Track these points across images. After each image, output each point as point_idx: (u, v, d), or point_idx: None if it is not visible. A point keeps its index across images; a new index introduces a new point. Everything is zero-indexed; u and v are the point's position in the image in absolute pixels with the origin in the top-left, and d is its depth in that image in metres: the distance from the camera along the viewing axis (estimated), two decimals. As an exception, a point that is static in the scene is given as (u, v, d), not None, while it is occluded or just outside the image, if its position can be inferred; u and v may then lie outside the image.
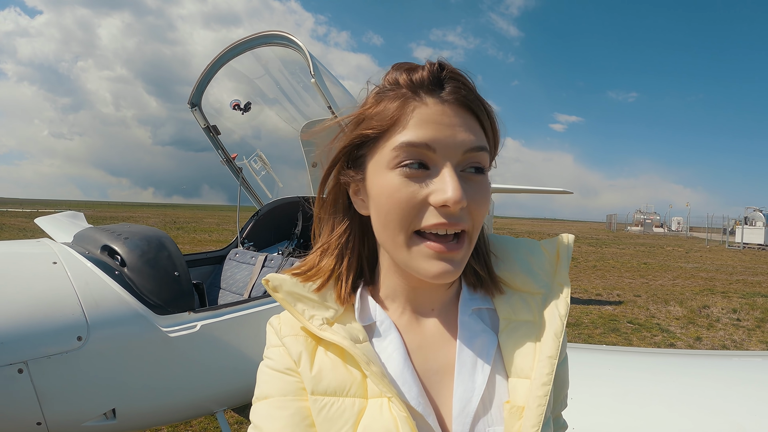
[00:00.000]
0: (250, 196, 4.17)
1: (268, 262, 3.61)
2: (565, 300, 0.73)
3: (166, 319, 2.15)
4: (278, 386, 0.70)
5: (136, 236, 2.35)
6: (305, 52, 2.97)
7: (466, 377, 0.69)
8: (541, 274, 0.77)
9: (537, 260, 0.79)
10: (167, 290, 2.23)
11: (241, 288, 3.48)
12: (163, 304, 2.18)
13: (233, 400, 2.46)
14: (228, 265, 3.69)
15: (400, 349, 0.71)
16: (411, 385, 0.68)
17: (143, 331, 2.05)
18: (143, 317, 2.06)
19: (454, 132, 0.64)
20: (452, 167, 0.63)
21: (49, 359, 1.79)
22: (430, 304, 0.75)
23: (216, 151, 3.75)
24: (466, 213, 0.64)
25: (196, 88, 3.35)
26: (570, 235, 0.82)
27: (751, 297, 9.96)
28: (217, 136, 3.67)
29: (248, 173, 4.08)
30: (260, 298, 2.63)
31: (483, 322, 0.74)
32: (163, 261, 2.31)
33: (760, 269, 15.94)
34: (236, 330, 2.40)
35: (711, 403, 1.91)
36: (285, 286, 0.73)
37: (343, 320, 0.73)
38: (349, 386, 0.67)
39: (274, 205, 4.10)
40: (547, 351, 0.68)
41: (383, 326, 0.73)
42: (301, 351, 0.70)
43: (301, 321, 0.71)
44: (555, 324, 0.71)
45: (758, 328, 7.24)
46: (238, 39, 3.14)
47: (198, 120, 3.54)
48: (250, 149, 4.06)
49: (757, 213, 31.65)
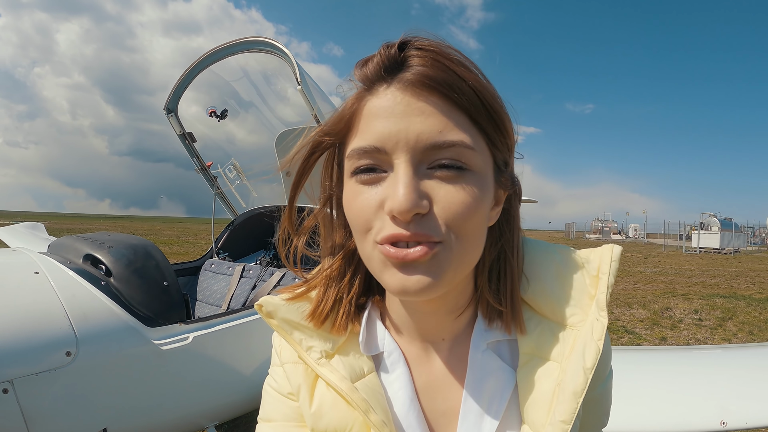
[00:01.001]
0: (224, 206, 4.05)
1: (247, 273, 3.50)
2: (597, 345, 0.57)
3: (157, 331, 2.03)
4: (281, 411, 0.67)
5: (121, 245, 2.23)
6: (291, 58, 2.93)
7: (471, 425, 0.61)
8: (574, 299, 0.62)
9: (571, 278, 0.64)
10: (157, 301, 2.12)
11: (218, 299, 3.36)
12: (153, 316, 2.06)
13: (225, 415, 2.35)
14: (204, 276, 3.56)
15: (406, 388, 0.64)
16: (415, 429, 0.62)
17: (135, 344, 1.93)
18: (134, 330, 1.94)
19: (409, 123, 0.50)
20: (410, 165, 0.51)
21: (37, 377, 1.65)
22: (438, 333, 0.65)
23: (191, 159, 3.62)
24: (434, 222, 0.51)
25: (173, 93, 3.23)
26: (617, 246, 0.64)
27: (711, 298, 10.37)
28: (192, 143, 3.54)
29: (222, 182, 3.97)
30: (251, 309, 2.53)
31: (500, 358, 0.64)
32: (151, 270, 2.20)
33: (717, 272, 16.59)
34: (228, 342, 2.30)
35: (699, 390, 2.07)
36: (280, 312, 0.65)
37: (347, 350, 0.65)
38: (351, 426, 0.61)
39: (249, 214, 4.00)
40: (560, 413, 0.55)
41: (391, 358, 0.66)
42: (300, 384, 0.64)
43: (298, 352, 0.64)
44: (577, 379, 0.56)
45: (720, 327, 7.55)
46: (219, 44, 3.05)
47: (173, 126, 3.42)
48: (225, 157, 3.96)
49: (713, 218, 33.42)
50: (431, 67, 0.50)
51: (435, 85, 0.50)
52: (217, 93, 3.67)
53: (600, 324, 0.58)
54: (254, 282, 3.41)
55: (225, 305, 3.27)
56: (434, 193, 0.51)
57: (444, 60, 0.51)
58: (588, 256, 0.65)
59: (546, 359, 0.60)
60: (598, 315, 0.59)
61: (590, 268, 0.64)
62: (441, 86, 0.50)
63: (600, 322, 0.58)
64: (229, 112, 3.68)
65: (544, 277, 0.64)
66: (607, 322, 0.59)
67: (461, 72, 0.51)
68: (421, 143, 0.50)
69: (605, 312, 0.59)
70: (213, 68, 3.26)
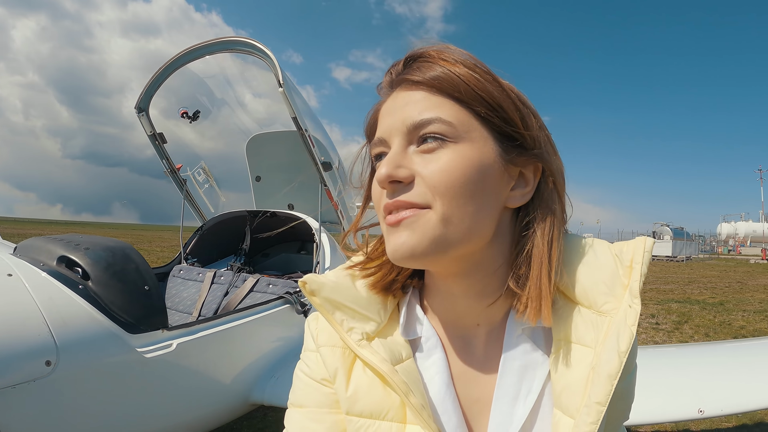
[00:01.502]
0: (193, 210, 3.91)
1: (218, 279, 3.37)
2: (630, 330, 0.58)
3: (139, 338, 1.90)
4: (314, 397, 0.67)
5: (98, 246, 2.08)
6: (273, 60, 2.86)
7: (505, 408, 0.62)
8: (607, 287, 0.63)
9: (605, 268, 0.64)
10: (138, 306, 1.99)
11: (189, 306, 3.21)
12: (134, 322, 1.93)
13: (211, 424, 2.23)
14: (172, 283, 3.39)
15: (442, 373, 0.65)
16: (450, 415, 0.63)
17: (117, 352, 1.80)
18: (116, 337, 1.81)
19: (400, 114, 0.60)
20: (400, 145, 0.59)
21: (14, 389, 1.50)
22: (472, 318, 0.66)
23: (161, 161, 3.47)
24: (419, 189, 0.57)
25: (145, 91, 3.09)
26: (649, 239, 0.65)
27: (666, 303, 10.82)
28: (163, 144, 3.39)
29: (192, 186, 3.83)
30: (235, 314, 2.42)
31: (535, 344, 0.64)
32: (131, 274, 2.06)
33: (670, 278, 17.35)
34: (212, 348, 2.20)
35: (677, 382, 2.21)
36: (324, 290, 0.65)
37: (386, 333, 0.66)
38: (387, 410, 0.62)
39: (219, 219, 3.87)
40: (596, 395, 0.57)
41: (429, 343, 0.67)
42: (337, 367, 0.65)
43: (338, 332, 0.65)
44: (611, 362, 0.57)
45: (676, 330, 7.88)
46: (197, 43, 2.95)
47: (144, 126, 3.26)
48: (194, 160, 3.82)
49: (665, 227, 35.03)
50: (421, 69, 0.60)
51: (422, 80, 0.59)
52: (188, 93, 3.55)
53: (633, 311, 0.59)
54: (226, 288, 3.29)
55: (196, 312, 3.13)
56: (418, 166, 0.58)
57: (432, 60, 0.60)
58: (621, 247, 0.66)
59: (580, 345, 0.61)
60: (631, 302, 0.60)
61: (624, 259, 0.64)
62: (427, 80, 0.59)
63: (633, 309, 0.59)
64: (201, 114, 3.57)
65: (578, 266, 0.65)
66: (640, 309, 0.60)
67: (447, 65, 0.59)
68: (406, 125, 0.59)
69: (638, 300, 0.60)
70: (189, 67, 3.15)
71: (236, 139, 4.31)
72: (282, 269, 4.27)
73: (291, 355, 2.75)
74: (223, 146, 4.40)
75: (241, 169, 4.44)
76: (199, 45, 3.01)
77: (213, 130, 4.01)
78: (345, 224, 4.02)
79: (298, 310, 2.85)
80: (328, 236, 3.84)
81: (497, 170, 0.60)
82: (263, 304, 2.67)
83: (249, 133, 4.23)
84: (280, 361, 2.64)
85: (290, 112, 2.96)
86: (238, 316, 2.42)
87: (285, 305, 2.82)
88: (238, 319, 2.41)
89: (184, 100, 3.50)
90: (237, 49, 2.97)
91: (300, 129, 3.05)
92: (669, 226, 35.30)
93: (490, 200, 0.60)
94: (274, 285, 3.14)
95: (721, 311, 9.87)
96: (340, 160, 4.12)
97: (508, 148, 0.61)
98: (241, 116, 4.12)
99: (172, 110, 3.41)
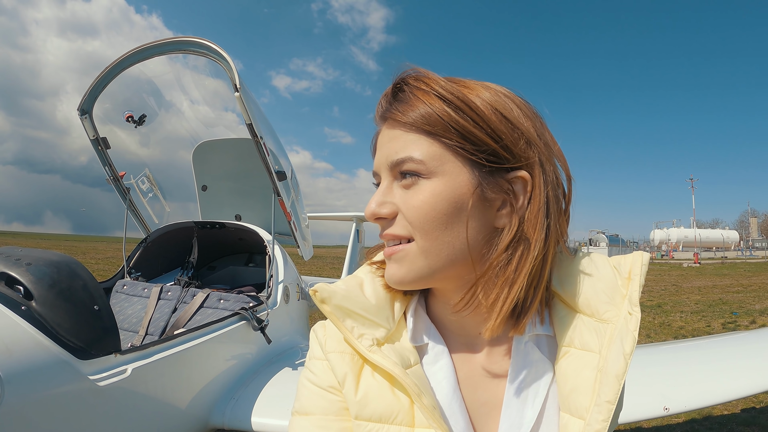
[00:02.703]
0: (136, 221, 3.67)
1: (165, 294, 3.19)
2: (633, 334, 0.62)
3: (91, 364, 1.73)
4: (320, 404, 0.68)
5: (41, 262, 1.89)
6: (230, 63, 2.74)
7: (514, 411, 0.65)
8: (607, 297, 0.67)
9: (605, 280, 0.68)
10: (88, 328, 1.81)
11: (134, 324, 3.01)
12: (85, 346, 1.76)
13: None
14: (116, 299, 3.17)
15: (449, 378, 0.68)
16: (458, 417, 0.65)
17: (68, 381, 1.63)
18: (66, 364, 1.64)
19: (385, 150, 0.66)
20: (387, 181, 0.66)
21: (-50, 428, 1.32)
22: (475, 327, 0.69)
23: (103, 167, 3.24)
24: (401, 223, 0.64)
25: (89, 92, 2.87)
26: (646, 253, 0.71)
27: None
28: (106, 150, 3.17)
29: (135, 195, 3.60)
30: (190, 333, 2.27)
31: (540, 350, 0.68)
32: (79, 292, 1.88)
33: None
34: (169, 372, 2.05)
35: (642, 382, 2.29)
36: (335, 299, 0.68)
37: (394, 339, 0.69)
38: (396, 413, 0.64)
39: (164, 230, 3.67)
40: (606, 394, 0.60)
41: (435, 350, 0.70)
42: (346, 372, 0.67)
43: (349, 339, 0.67)
44: (618, 363, 0.61)
45: None
46: (148, 42, 2.77)
47: (87, 130, 3.03)
48: (139, 167, 3.60)
49: (600, 235, 36.71)
50: (402, 106, 0.64)
51: (400, 118, 0.64)
52: (135, 96, 3.35)
53: (634, 318, 0.64)
54: (174, 304, 3.11)
55: (143, 331, 2.93)
56: (399, 201, 0.64)
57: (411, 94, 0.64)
58: (619, 260, 0.71)
59: (585, 350, 0.65)
60: (631, 309, 0.65)
61: (623, 271, 0.69)
62: (404, 119, 0.64)
63: (634, 316, 0.64)
64: (147, 118, 3.37)
65: (580, 278, 0.69)
66: (640, 317, 0.65)
67: (424, 99, 0.63)
68: (388, 163, 0.65)
69: (638, 308, 0.65)
70: (137, 68, 2.96)
71: (183, 145, 4.11)
72: (230, 283, 4.10)
73: (249, 374, 2.62)
74: (169, 153, 4.19)
75: (187, 178, 4.24)
76: (150, 44, 2.84)
77: (159, 135, 3.81)
78: (297, 236, 3.91)
79: (255, 326, 2.73)
80: (281, 248, 3.72)
81: (476, 197, 0.63)
82: (218, 321, 2.53)
83: (197, 139, 4.04)
84: (238, 381, 2.51)
85: (246, 118, 2.84)
86: (193, 336, 2.27)
87: (241, 322, 2.69)
88: (194, 339, 2.27)
89: (129, 103, 3.29)
90: (190, 50, 2.82)
91: (255, 136, 2.93)
92: (605, 234, 37.20)
93: (473, 226, 0.63)
94: (226, 300, 3.00)
95: (659, 313, 10.48)
96: (292, 170, 4.00)
97: (489, 171, 0.63)
98: (189, 122, 3.94)
99: (116, 114, 3.20)
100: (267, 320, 2.78)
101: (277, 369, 2.68)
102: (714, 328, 8.77)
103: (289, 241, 3.97)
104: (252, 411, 2.28)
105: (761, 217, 77.87)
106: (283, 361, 2.91)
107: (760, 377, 2.17)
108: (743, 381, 2.17)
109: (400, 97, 0.66)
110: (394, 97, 0.67)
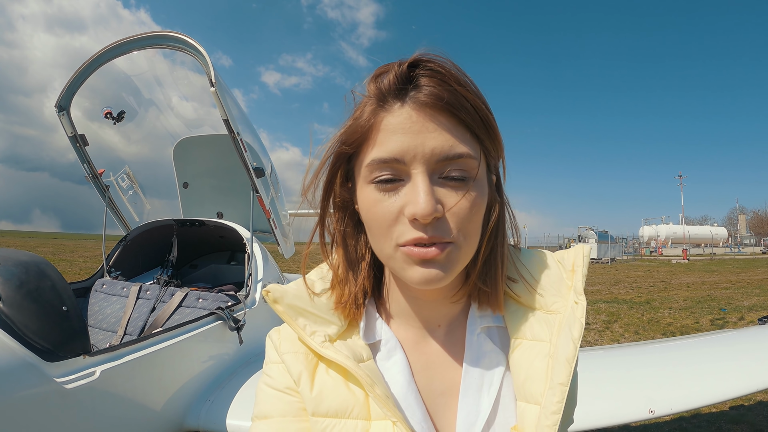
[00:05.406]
0: (116, 219, 3.64)
1: (144, 293, 3.16)
2: (580, 321, 0.66)
3: (58, 366, 1.72)
4: (278, 407, 0.69)
5: (9, 262, 1.87)
6: (206, 58, 2.72)
7: (471, 400, 0.67)
8: (554, 289, 0.71)
9: (550, 274, 0.73)
10: (56, 330, 1.80)
11: (113, 324, 2.98)
12: (52, 348, 1.74)
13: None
14: (95, 298, 3.14)
15: (404, 371, 0.69)
16: (414, 408, 0.66)
17: (33, 384, 1.61)
18: (32, 366, 1.62)
19: (424, 139, 0.58)
20: (426, 175, 0.58)
21: None
22: (436, 320, 0.72)
23: (82, 164, 3.20)
24: (446, 225, 0.59)
25: (66, 88, 2.83)
26: (586, 245, 0.76)
27: (595, 304, 11.41)
28: (84, 147, 3.13)
29: (115, 193, 3.57)
30: (163, 333, 2.25)
31: (492, 342, 0.70)
32: (47, 293, 1.87)
33: (597, 279, 18.24)
34: (140, 373, 2.03)
35: (627, 384, 2.27)
36: (286, 298, 0.70)
37: (347, 336, 0.71)
38: (352, 407, 0.65)
39: (144, 228, 3.63)
40: (558, 377, 0.63)
41: (388, 345, 0.71)
42: (301, 370, 0.68)
43: (302, 336, 0.69)
44: (567, 348, 0.64)
45: (607, 329, 8.34)
46: (124, 37, 2.74)
47: (64, 127, 2.99)
48: (118, 165, 3.57)
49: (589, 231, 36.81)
50: (440, 88, 0.58)
51: (444, 105, 0.58)
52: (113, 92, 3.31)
53: (580, 306, 0.67)
54: (153, 303, 3.09)
55: (121, 330, 2.91)
56: (446, 200, 0.59)
57: (450, 81, 0.58)
58: (562, 255, 0.76)
59: (535, 340, 0.67)
60: (577, 299, 0.68)
61: (566, 264, 0.74)
62: (449, 106, 0.58)
63: (580, 304, 0.67)
64: (126, 115, 3.34)
65: (528, 275, 0.73)
66: (585, 304, 0.68)
67: (464, 92, 0.59)
68: (435, 156, 0.58)
69: (583, 296, 0.69)
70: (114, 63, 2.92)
71: (163, 142, 4.07)
72: (211, 281, 4.07)
73: (225, 375, 2.60)
74: (149, 150, 4.15)
75: (167, 175, 4.20)
76: (127, 39, 2.80)
77: (139, 132, 3.77)
78: (277, 233, 3.89)
79: (231, 326, 2.70)
80: (260, 246, 3.70)
81: (489, 201, 0.66)
82: (194, 321, 2.51)
83: (177, 136, 4.01)
84: (214, 383, 2.49)
85: (222, 113, 2.81)
86: (167, 336, 2.25)
87: (217, 321, 2.67)
88: (168, 339, 2.25)
89: (108, 99, 3.26)
90: (167, 45, 2.79)
91: (231, 132, 2.91)
92: (593, 230, 37.32)
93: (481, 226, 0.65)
94: (204, 299, 2.98)
95: (648, 309, 10.54)
96: (272, 166, 3.98)
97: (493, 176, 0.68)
98: (169, 118, 3.90)
99: (95, 110, 3.16)
100: (244, 320, 2.76)
101: (254, 370, 2.66)
102: (702, 324, 8.84)
103: (271, 238, 3.94)
104: (227, 413, 2.27)
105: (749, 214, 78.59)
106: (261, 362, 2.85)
107: (748, 378, 2.15)
108: (731, 382, 2.15)
109: (431, 77, 0.58)
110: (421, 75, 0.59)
